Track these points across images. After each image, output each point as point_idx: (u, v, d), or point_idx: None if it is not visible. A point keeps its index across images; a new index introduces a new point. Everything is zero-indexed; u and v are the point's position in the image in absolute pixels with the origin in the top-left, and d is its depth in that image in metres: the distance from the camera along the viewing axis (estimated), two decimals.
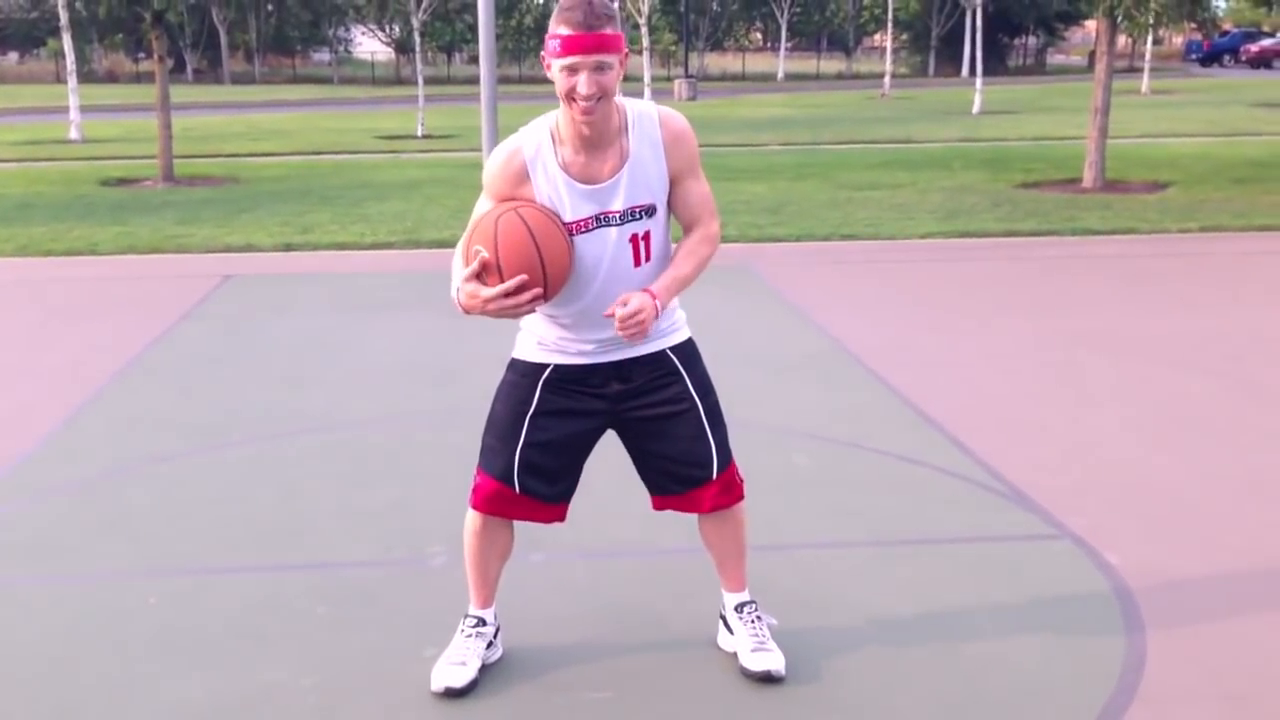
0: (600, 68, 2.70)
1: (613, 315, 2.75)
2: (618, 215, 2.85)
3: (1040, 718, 2.94)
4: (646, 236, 2.88)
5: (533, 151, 2.84)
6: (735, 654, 3.18)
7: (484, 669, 3.13)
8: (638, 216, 2.86)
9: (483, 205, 2.92)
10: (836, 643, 3.31)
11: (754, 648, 3.14)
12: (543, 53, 2.80)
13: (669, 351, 3.02)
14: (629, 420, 3.03)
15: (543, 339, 2.99)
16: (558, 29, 2.72)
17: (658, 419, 3.00)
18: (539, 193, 2.83)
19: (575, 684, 3.11)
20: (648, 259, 2.90)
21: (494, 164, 2.88)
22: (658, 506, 3.17)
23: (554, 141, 2.84)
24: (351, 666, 3.21)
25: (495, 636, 3.21)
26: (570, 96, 2.72)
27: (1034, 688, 3.07)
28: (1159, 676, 3.12)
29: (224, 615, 3.52)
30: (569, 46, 2.69)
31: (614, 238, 2.85)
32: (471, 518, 3.08)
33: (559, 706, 3.01)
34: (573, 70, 2.70)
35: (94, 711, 3.02)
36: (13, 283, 8.89)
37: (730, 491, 3.08)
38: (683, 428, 3.00)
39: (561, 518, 3.12)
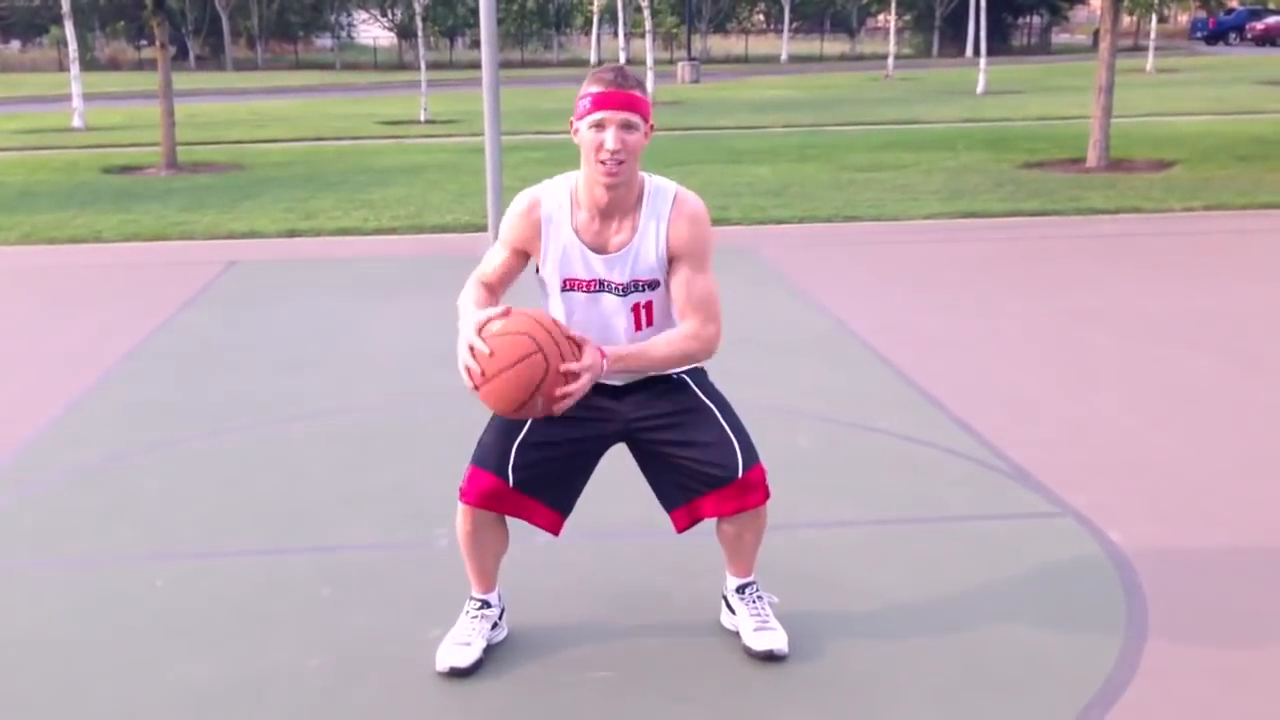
0: (628, 126, 2.76)
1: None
2: (620, 287, 2.93)
3: (1042, 692, 2.95)
4: (649, 305, 2.96)
5: (551, 208, 2.91)
6: (738, 633, 3.20)
7: (488, 649, 3.14)
8: (640, 289, 2.94)
9: (497, 252, 2.99)
10: (839, 621, 3.33)
11: (756, 627, 3.15)
12: (571, 119, 2.85)
13: (673, 374, 3.07)
14: (644, 431, 3.03)
15: None
16: (588, 89, 2.79)
17: (673, 425, 3.01)
18: (547, 247, 2.91)
19: (579, 663, 3.13)
20: (649, 324, 2.98)
21: (514, 211, 2.95)
22: (683, 523, 3.10)
23: (572, 204, 2.90)
24: (356, 647, 3.23)
25: (500, 617, 3.22)
26: (597, 154, 2.77)
27: (1036, 663, 3.09)
28: (1160, 651, 3.13)
29: (229, 598, 3.54)
30: (599, 102, 2.76)
31: (615, 303, 2.94)
32: (462, 514, 3.03)
33: (563, 685, 3.03)
34: (600, 126, 2.76)
35: (101, 694, 3.04)
36: (16, 270, 8.91)
37: (756, 491, 3.02)
38: (701, 429, 3.01)
39: (555, 528, 3.09)
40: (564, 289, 2.94)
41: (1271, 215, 10.19)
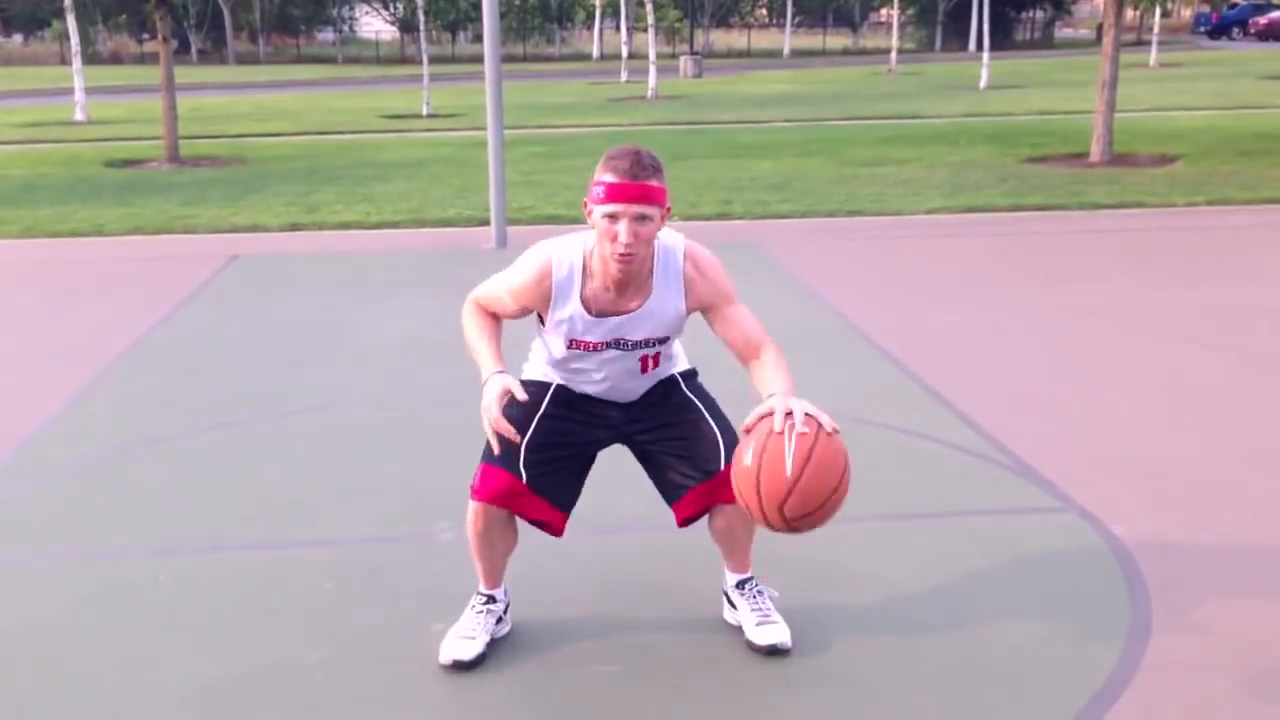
0: (642, 219, 2.75)
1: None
2: (630, 344, 2.96)
3: (1045, 687, 2.95)
4: (656, 355, 3.02)
5: (563, 275, 2.89)
6: (740, 628, 3.20)
7: (492, 642, 3.15)
8: (650, 345, 2.98)
9: (500, 295, 2.96)
10: (843, 615, 3.33)
11: (759, 621, 3.15)
12: (585, 198, 2.84)
13: (664, 376, 3.14)
14: (637, 433, 3.11)
15: (547, 375, 3.12)
16: (604, 176, 2.76)
17: (663, 425, 3.07)
18: (554, 312, 2.91)
19: (582, 657, 3.13)
20: (655, 366, 3.05)
21: (527, 276, 2.92)
22: (682, 519, 3.14)
23: (585, 273, 2.89)
24: (359, 641, 3.23)
25: (505, 612, 3.23)
26: (612, 244, 2.77)
27: (1039, 658, 3.08)
28: (1164, 647, 3.12)
29: (232, 592, 3.54)
30: (612, 194, 2.73)
31: (626, 357, 2.98)
32: (474, 512, 3.03)
33: (567, 679, 3.03)
34: (614, 218, 2.75)
35: (103, 688, 3.04)
36: (19, 264, 8.91)
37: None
38: (688, 429, 3.06)
39: (561, 527, 3.10)
40: (569, 346, 2.97)
41: (1275, 210, 10.17)
